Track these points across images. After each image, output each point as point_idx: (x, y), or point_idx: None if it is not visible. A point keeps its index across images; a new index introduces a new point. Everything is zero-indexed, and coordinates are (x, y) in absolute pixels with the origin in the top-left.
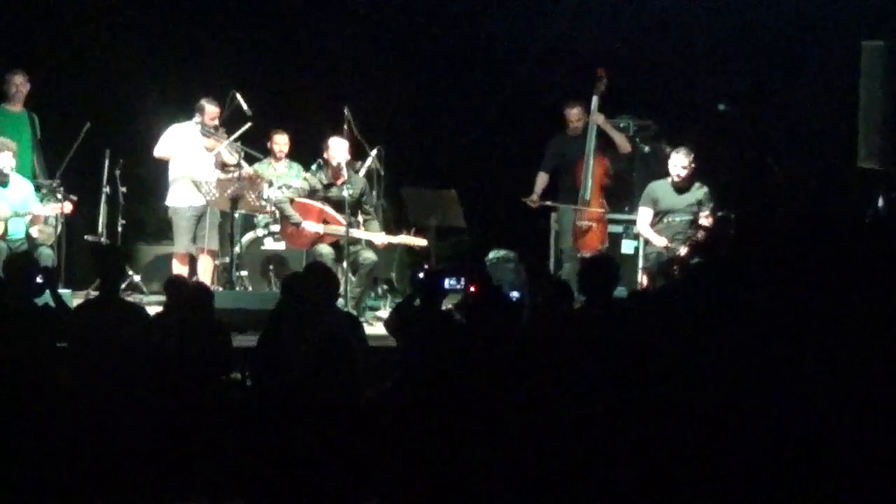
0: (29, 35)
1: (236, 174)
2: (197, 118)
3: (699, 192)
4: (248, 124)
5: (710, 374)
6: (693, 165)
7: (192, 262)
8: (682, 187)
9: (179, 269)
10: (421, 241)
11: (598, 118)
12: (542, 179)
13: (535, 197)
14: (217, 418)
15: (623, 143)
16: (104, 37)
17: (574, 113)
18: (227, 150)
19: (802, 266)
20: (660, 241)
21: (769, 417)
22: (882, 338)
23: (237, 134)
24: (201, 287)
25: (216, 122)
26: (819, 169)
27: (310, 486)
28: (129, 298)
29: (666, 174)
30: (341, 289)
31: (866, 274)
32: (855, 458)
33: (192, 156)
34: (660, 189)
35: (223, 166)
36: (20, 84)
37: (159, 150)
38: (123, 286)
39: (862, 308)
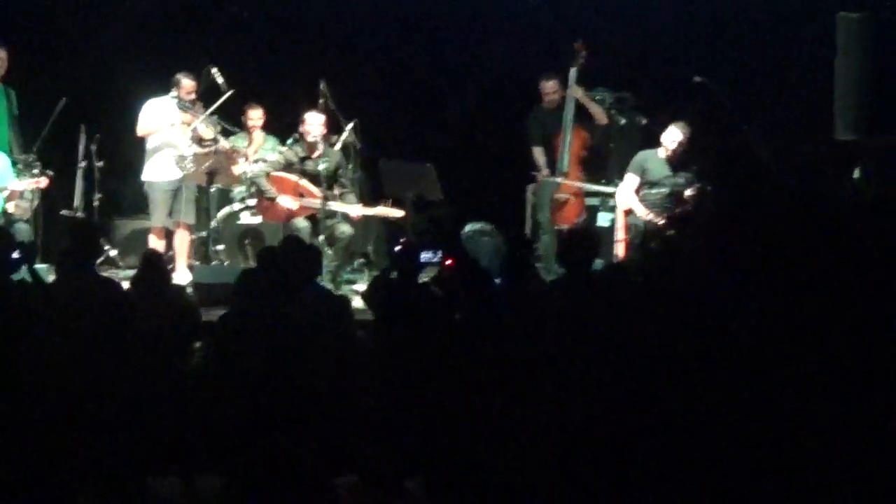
0: (5, 9)
1: (213, 148)
2: (173, 92)
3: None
4: (230, 91)
5: (689, 346)
6: (686, 142)
7: (168, 236)
8: (675, 163)
9: (156, 243)
10: (397, 212)
11: (576, 91)
12: (539, 153)
13: (545, 171)
14: (191, 390)
15: (599, 115)
16: (80, 11)
17: (549, 86)
18: (203, 124)
19: (782, 239)
20: (641, 212)
21: (747, 389)
22: (864, 314)
23: (215, 105)
24: (151, 253)
25: (193, 96)
26: (796, 141)
27: (286, 460)
28: (106, 273)
29: (642, 147)
30: None
31: (846, 249)
32: (840, 434)
33: (168, 130)
34: (651, 160)
35: (200, 141)
36: (4, 58)
37: (142, 128)
38: (100, 261)
39: (843, 284)
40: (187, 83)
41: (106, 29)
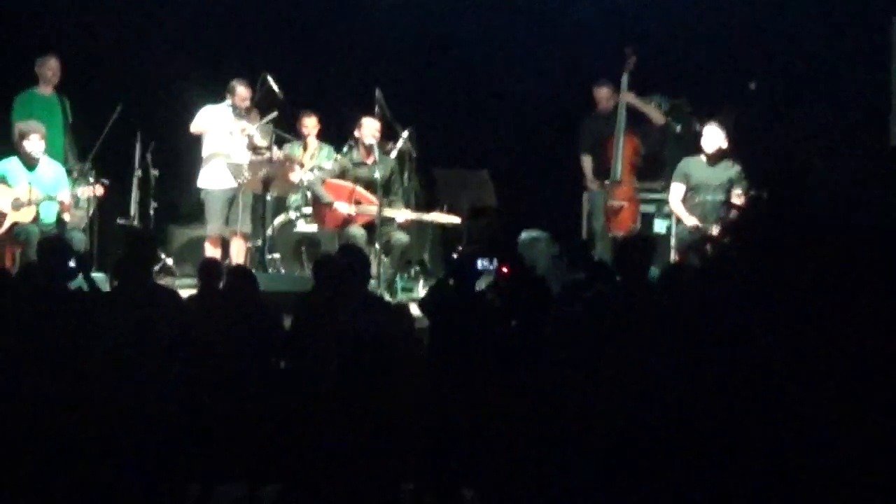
0: (60, 18)
1: (267, 156)
2: (228, 100)
3: (731, 170)
4: (275, 113)
5: (745, 357)
6: (725, 140)
7: (224, 244)
8: (714, 161)
9: (212, 251)
10: (453, 219)
11: (627, 96)
12: (587, 162)
13: (591, 180)
14: (256, 402)
15: (656, 116)
16: (135, 19)
17: (603, 92)
18: (258, 132)
19: (834, 249)
20: (689, 221)
21: (791, 408)
22: None
23: (266, 119)
24: (243, 271)
25: (247, 103)
26: (851, 149)
27: (345, 468)
28: (162, 282)
29: (699, 152)
30: (373, 270)
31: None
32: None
33: (224, 137)
34: (693, 164)
35: (255, 149)
36: (56, 68)
37: (196, 126)
38: (156, 269)
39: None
40: (242, 91)
41: (161, 37)
